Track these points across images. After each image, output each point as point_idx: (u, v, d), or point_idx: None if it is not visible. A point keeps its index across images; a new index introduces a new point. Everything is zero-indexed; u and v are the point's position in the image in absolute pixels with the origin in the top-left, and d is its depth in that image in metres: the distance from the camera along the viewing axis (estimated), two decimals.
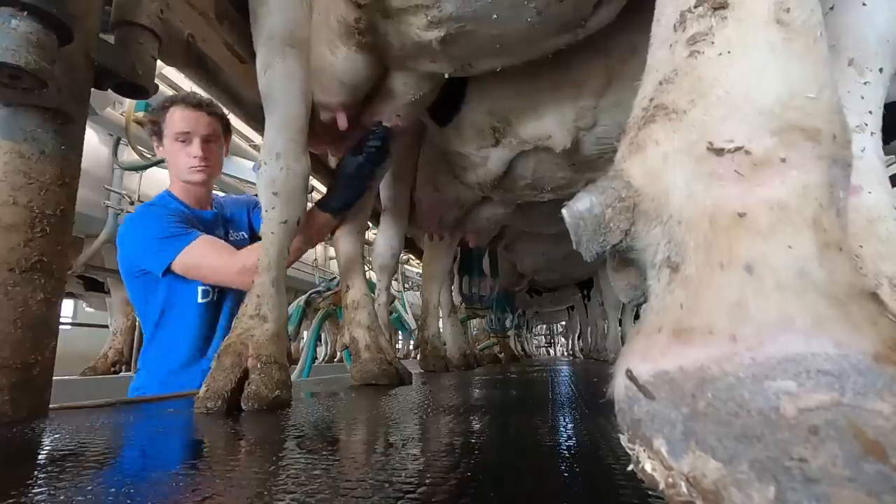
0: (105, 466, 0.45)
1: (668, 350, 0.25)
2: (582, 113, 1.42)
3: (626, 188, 0.30)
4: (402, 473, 0.40)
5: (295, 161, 1.10)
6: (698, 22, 0.32)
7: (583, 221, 0.31)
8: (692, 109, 0.30)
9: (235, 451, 0.53)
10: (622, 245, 0.30)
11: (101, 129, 3.56)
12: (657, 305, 0.28)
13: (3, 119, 0.73)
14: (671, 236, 0.28)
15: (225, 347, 0.91)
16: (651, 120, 0.32)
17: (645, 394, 0.25)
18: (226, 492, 0.35)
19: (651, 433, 0.24)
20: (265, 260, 1.05)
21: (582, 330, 6.98)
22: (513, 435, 0.57)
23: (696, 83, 0.30)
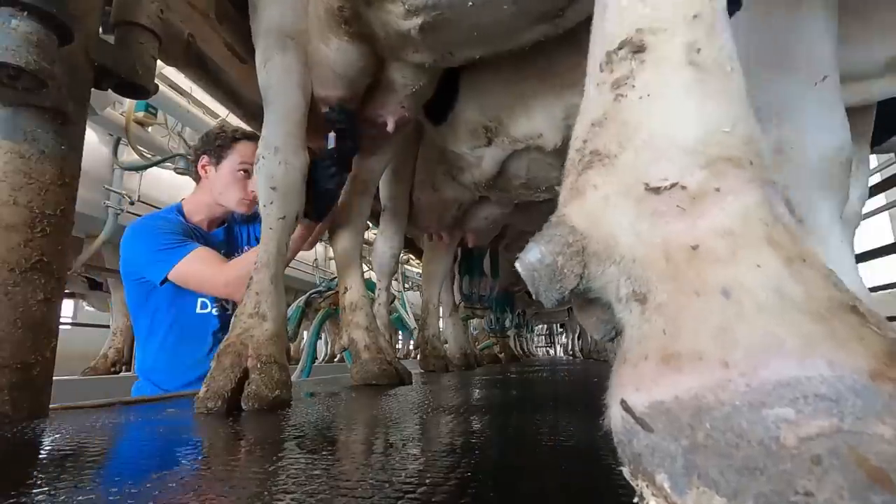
0: (105, 466, 0.45)
1: (659, 378, 0.24)
2: (571, 111, 1.41)
3: (572, 233, 0.31)
4: (402, 473, 0.40)
5: (293, 155, 1.10)
6: (621, 65, 0.33)
7: (536, 273, 0.31)
8: (622, 153, 0.31)
9: (235, 451, 0.53)
10: (579, 288, 0.31)
11: (101, 129, 3.56)
12: (637, 334, 0.28)
13: (3, 119, 0.73)
14: (629, 273, 0.29)
15: (224, 347, 0.90)
16: (588, 166, 0.33)
17: (643, 426, 0.24)
18: (226, 492, 0.35)
19: (653, 468, 0.23)
20: (264, 256, 1.03)
21: (581, 330, 6.98)
22: (513, 435, 0.57)
23: (622, 127, 0.32)
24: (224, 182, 1.58)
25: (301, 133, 1.13)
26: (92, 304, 5.54)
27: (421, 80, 1.23)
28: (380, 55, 1.15)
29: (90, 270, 3.92)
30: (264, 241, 1.06)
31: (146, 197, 3.91)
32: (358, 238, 1.58)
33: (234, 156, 1.58)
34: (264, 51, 1.12)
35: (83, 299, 5.73)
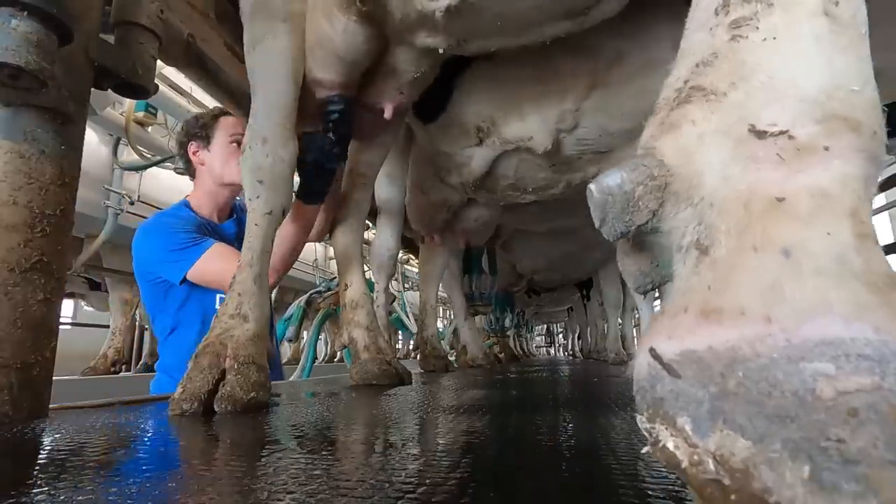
0: (105, 466, 0.45)
1: (695, 329, 0.24)
2: (564, 115, 1.43)
3: (659, 166, 0.30)
4: (402, 473, 0.40)
5: (282, 147, 1.05)
6: (742, 7, 0.31)
7: (611, 197, 0.30)
8: (732, 92, 0.30)
9: (235, 451, 0.53)
10: (647, 226, 0.30)
11: (101, 129, 3.56)
12: (682, 287, 0.27)
13: (3, 119, 0.73)
14: (701, 218, 0.28)
15: (203, 348, 0.87)
16: (686, 101, 0.32)
17: (670, 372, 0.24)
18: (226, 491, 0.35)
19: (675, 411, 0.24)
20: (248, 255, 0.99)
21: (581, 330, 6.99)
22: (513, 435, 0.57)
23: (738, 66, 0.30)
24: (221, 158, 1.53)
25: (290, 123, 1.08)
26: (91, 304, 5.54)
27: (423, 66, 1.18)
28: (384, 37, 1.10)
29: (90, 270, 3.92)
30: (249, 238, 1.01)
31: (146, 197, 3.91)
32: (358, 234, 1.54)
33: (220, 131, 1.54)
34: (253, 32, 1.06)
35: (83, 299, 5.73)
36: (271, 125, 1.04)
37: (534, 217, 2.59)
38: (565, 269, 4.16)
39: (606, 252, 3.51)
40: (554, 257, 3.65)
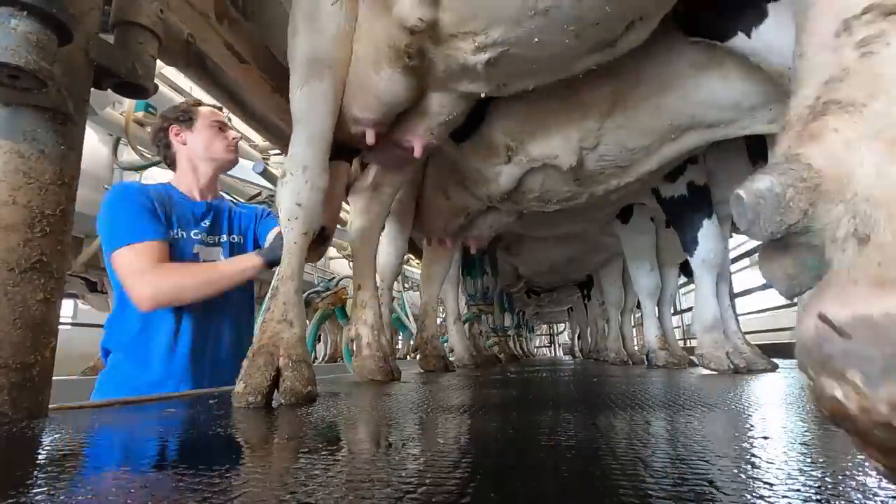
0: (105, 466, 0.45)
1: (869, 297, 0.26)
2: (587, 135, 1.56)
3: (808, 170, 0.32)
4: (402, 473, 0.40)
5: (318, 176, 1.17)
6: (867, 27, 0.34)
7: (763, 200, 0.32)
8: (873, 102, 0.32)
9: (235, 452, 0.53)
10: (798, 225, 0.32)
11: (101, 129, 3.56)
12: (846, 266, 0.29)
13: (3, 119, 0.73)
14: (856, 212, 0.30)
15: (258, 349, 0.98)
16: (823, 113, 0.34)
17: (841, 334, 0.26)
18: (225, 492, 0.35)
19: (844, 366, 0.26)
20: (288, 269, 1.10)
21: (581, 330, 6.99)
22: (513, 434, 0.57)
23: (874, 79, 0.33)
24: (205, 137, 1.60)
25: (326, 156, 1.20)
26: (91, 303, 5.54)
27: (457, 109, 1.32)
28: (424, 86, 1.24)
29: (89, 270, 3.92)
30: (288, 254, 1.12)
31: None
32: (374, 241, 1.73)
33: (202, 117, 1.62)
34: (303, 74, 1.20)
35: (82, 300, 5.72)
36: (311, 156, 1.17)
37: (543, 223, 2.64)
38: (567, 271, 4.18)
39: (607, 253, 3.52)
40: (556, 260, 3.67)
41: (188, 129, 1.61)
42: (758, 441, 0.49)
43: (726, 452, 0.45)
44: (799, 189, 0.32)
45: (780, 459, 0.41)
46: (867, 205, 0.30)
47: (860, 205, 0.30)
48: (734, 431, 0.56)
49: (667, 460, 0.42)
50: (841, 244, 0.30)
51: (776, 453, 0.44)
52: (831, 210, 0.31)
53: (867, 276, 0.27)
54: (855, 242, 0.29)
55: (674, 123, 1.50)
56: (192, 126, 1.61)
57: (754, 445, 0.47)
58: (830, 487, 0.33)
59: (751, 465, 0.40)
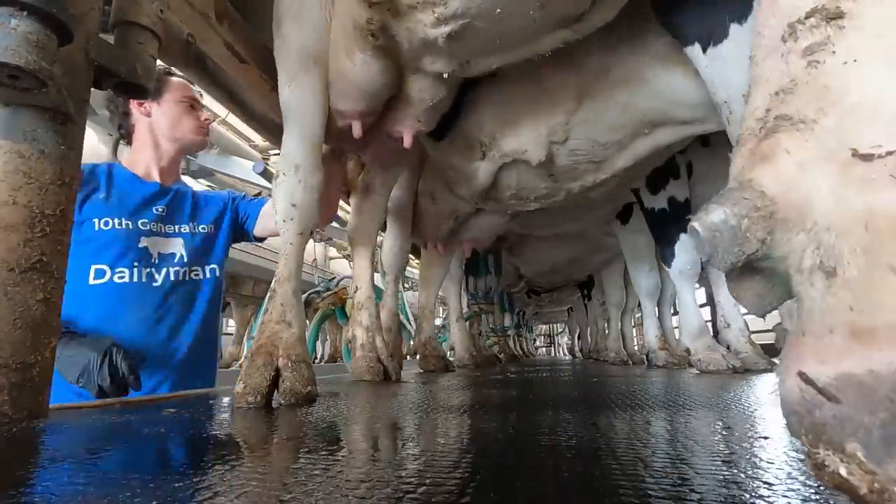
0: (105, 466, 0.45)
1: (848, 352, 0.25)
2: (555, 129, 1.55)
3: (761, 197, 0.30)
4: (402, 473, 0.40)
5: (311, 175, 1.14)
6: (812, 33, 0.32)
7: (718, 233, 0.31)
8: (823, 118, 0.30)
9: (234, 452, 0.53)
10: (757, 254, 0.30)
11: (101, 129, 3.56)
12: (819, 308, 0.27)
13: (3, 119, 0.73)
14: (819, 242, 0.28)
15: (256, 349, 0.97)
16: (774, 130, 0.32)
17: (828, 397, 0.25)
18: (225, 492, 0.35)
19: (841, 437, 0.24)
20: (285, 270, 1.09)
21: (581, 330, 6.99)
22: (513, 434, 0.57)
23: (822, 92, 0.31)
24: (172, 114, 1.47)
25: (319, 153, 1.18)
26: None
27: (439, 93, 1.28)
28: (399, 68, 1.20)
29: None
30: (285, 255, 1.10)
31: None
32: (372, 241, 1.75)
33: (173, 90, 1.48)
34: (290, 71, 1.17)
35: None
36: (303, 154, 1.14)
37: (539, 223, 2.66)
38: (568, 271, 4.18)
39: (609, 253, 3.52)
40: (558, 260, 3.68)
41: (155, 99, 1.46)
42: (758, 441, 0.49)
43: (726, 452, 0.45)
44: (754, 219, 0.30)
45: (780, 459, 0.41)
46: (829, 235, 0.28)
47: (822, 234, 0.28)
48: (734, 431, 0.56)
49: (667, 460, 0.42)
50: (808, 277, 0.29)
51: (776, 453, 0.44)
52: (791, 239, 0.30)
53: (842, 324, 0.26)
54: (822, 276, 0.28)
55: (644, 119, 1.48)
56: (160, 97, 1.46)
57: (754, 445, 0.47)
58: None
59: (751, 465, 0.40)
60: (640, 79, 1.39)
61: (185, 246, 1.45)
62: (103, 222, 1.33)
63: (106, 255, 1.31)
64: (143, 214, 1.39)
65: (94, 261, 1.30)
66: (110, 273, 1.31)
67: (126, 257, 1.34)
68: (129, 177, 1.44)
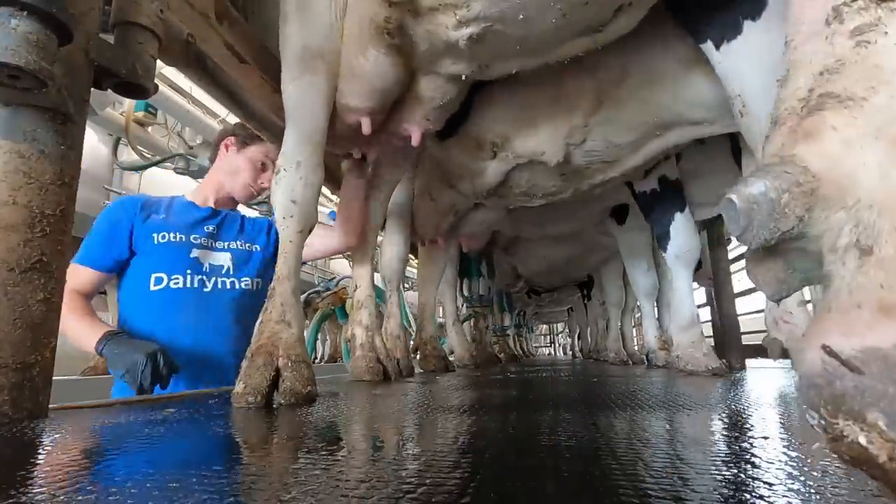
0: (105, 466, 0.45)
1: (875, 325, 0.24)
2: (573, 131, 1.55)
3: (804, 173, 0.30)
4: (402, 473, 0.40)
5: (312, 172, 1.14)
6: (860, 15, 0.32)
7: (756, 206, 0.30)
8: (873, 96, 0.30)
9: (235, 452, 0.53)
10: (793, 231, 0.30)
11: (101, 129, 3.56)
12: (847, 286, 0.27)
13: (3, 119, 0.73)
14: (858, 220, 0.28)
15: (256, 349, 0.97)
16: (819, 108, 0.32)
17: (851, 368, 0.24)
18: (225, 492, 0.35)
19: (862, 407, 0.24)
20: (285, 269, 1.08)
21: (581, 330, 6.99)
22: (513, 434, 0.57)
23: (873, 71, 0.30)
24: (241, 164, 1.64)
25: (321, 151, 1.17)
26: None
27: (449, 93, 1.27)
28: (411, 68, 1.20)
29: None
30: (284, 253, 1.10)
31: None
32: (372, 241, 1.70)
33: (260, 147, 1.66)
34: (292, 69, 1.17)
35: None
36: (305, 152, 1.14)
37: (533, 223, 2.66)
38: (566, 271, 4.18)
39: (606, 252, 3.52)
40: (555, 260, 3.69)
41: (240, 146, 1.66)
42: (758, 441, 0.49)
43: (726, 452, 0.45)
44: (795, 194, 0.29)
45: (780, 459, 0.41)
46: (870, 212, 0.27)
47: (863, 212, 0.28)
48: (734, 431, 0.56)
49: (667, 460, 0.42)
50: (841, 255, 0.28)
51: (776, 453, 0.44)
52: (830, 217, 0.29)
53: (871, 300, 0.25)
54: (856, 254, 0.27)
55: (660, 120, 1.49)
56: (245, 148, 1.66)
57: (754, 445, 0.47)
58: (830, 487, 0.33)
59: (751, 465, 0.40)
60: (659, 81, 1.40)
61: (233, 259, 1.60)
62: (160, 236, 1.50)
63: (163, 265, 1.48)
64: (196, 231, 1.56)
65: (154, 270, 1.48)
66: (167, 279, 1.48)
67: (180, 266, 1.50)
68: (186, 203, 1.63)
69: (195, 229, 1.56)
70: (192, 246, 1.53)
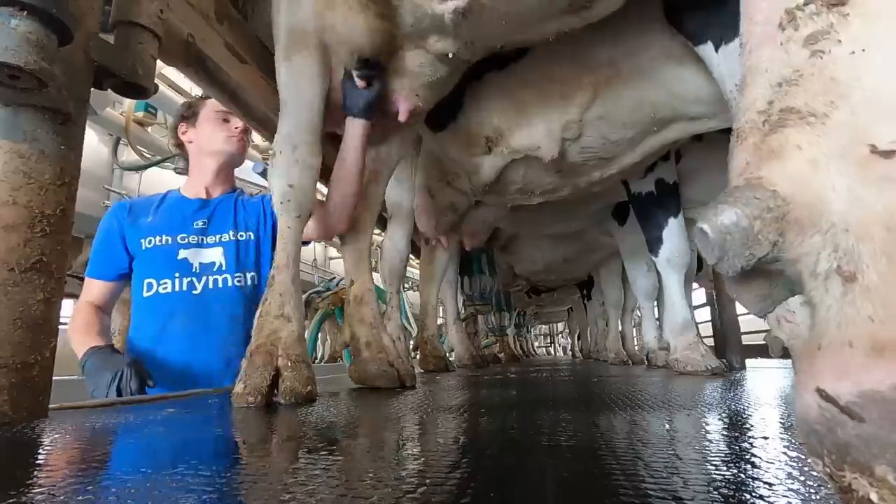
0: (105, 466, 0.45)
1: (870, 367, 0.23)
2: (568, 126, 1.53)
3: (773, 197, 0.29)
4: (402, 473, 0.40)
5: (310, 154, 1.10)
6: (813, 20, 0.31)
7: (729, 236, 0.29)
8: (834, 112, 0.29)
9: (235, 452, 0.53)
10: (768, 257, 0.29)
11: (100, 129, 3.56)
12: (835, 318, 0.26)
13: (3, 119, 0.73)
14: (836, 245, 0.27)
15: (256, 347, 0.95)
16: (781, 124, 0.31)
17: (851, 415, 0.23)
18: (224, 491, 0.35)
19: (868, 459, 0.22)
20: (283, 257, 1.05)
21: (581, 330, 6.99)
22: (513, 434, 0.57)
23: (830, 84, 0.29)
24: (207, 130, 1.58)
25: (318, 132, 1.13)
26: None
27: (438, 70, 1.22)
28: (395, 37, 1.14)
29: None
30: (283, 240, 1.07)
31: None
32: (368, 231, 1.53)
33: (206, 108, 1.60)
34: (288, 48, 1.12)
35: None
36: (301, 133, 1.10)
37: (533, 222, 2.65)
38: (564, 270, 4.19)
39: (605, 252, 3.52)
40: (553, 259, 3.69)
41: (192, 125, 1.60)
42: (758, 441, 0.49)
43: (726, 452, 0.45)
44: (766, 220, 0.28)
45: (780, 459, 0.41)
46: (847, 237, 0.26)
47: (840, 237, 0.27)
48: (734, 431, 0.56)
49: (667, 460, 0.42)
50: (823, 282, 0.27)
51: (776, 453, 0.44)
52: (804, 241, 0.28)
53: (862, 337, 0.24)
54: (839, 281, 0.26)
55: (656, 116, 1.48)
56: (195, 121, 1.59)
57: (754, 445, 0.47)
58: (830, 487, 0.33)
59: (751, 465, 0.40)
60: (655, 75, 1.38)
61: (225, 254, 1.52)
62: (147, 241, 1.47)
63: (152, 270, 1.46)
64: (184, 229, 1.50)
65: (145, 276, 1.45)
66: (156, 285, 1.45)
67: (168, 269, 1.46)
68: (177, 199, 1.58)
69: (184, 227, 1.51)
70: (178, 247, 1.48)
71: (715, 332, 2.54)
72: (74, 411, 0.85)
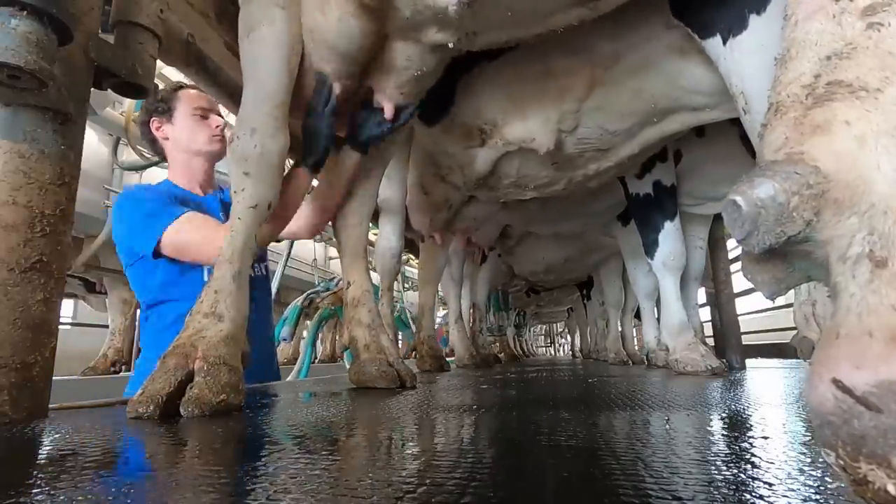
0: (105, 466, 0.45)
1: (890, 358, 0.22)
2: (564, 116, 1.48)
3: (815, 174, 0.27)
4: (402, 473, 0.40)
5: (271, 138, 1.00)
6: None
7: (763, 210, 0.27)
8: (889, 88, 0.27)
9: (235, 451, 0.53)
10: (799, 236, 0.27)
11: (100, 129, 3.56)
12: (857, 306, 0.25)
13: (3, 119, 0.73)
14: (872, 228, 0.25)
15: (172, 348, 0.84)
16: (829, 98, 0.29)
17: (868, 406, 0.22)
18: (225, 491, 0.35)
19: (886, 450, 0.22)
20: (228, 250, 0.95)
21: (581, 330, 6.99)
22: (513, 434, 0.57)
23: (887, 58, 0.28)
24: (186, 129, 1.50)
25: (282, 115, 1.03)
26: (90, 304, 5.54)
27: (426, 63, 1.14)
28: (385, 33, 1.07)
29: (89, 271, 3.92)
30: (231, 232, 0.97)
31: None
32: (362, 229, 1.48)
33: (182, 104, 1.51)
34: (249, 18, 1.03)
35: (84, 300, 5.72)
36: (261, 115, 1.01)
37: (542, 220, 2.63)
38: (563, 272, 4.20)
39: (605, 253, 3.52)
40: (553, 259, 3.69)
41: (168, 121, 1.50)
42: (758, 441, 0.49)
43: (726, 452, 0.45)
44: (804, 197, 0.27)
45: (780, 459, 0.41)
46: (885, 220, 0.25)
47: (877, 219, 0.25)
48: (734, 431, 0.56)
49: (667, 460, 0.42)
50: (851, 267, 0.26)
51: (776, 453, 0.44)
52: (840, 222, 0.26)
53: (882, 326, 0.23)
54: (868, 267, 0.25)
55: (656, 107, 1.43)
56: (172, 115, 1.50)
57: (754, 445, 0.47)
58: (830, 487, 0.33)
59: (751, 465, 0.40)
60: (655, 64, 1.34)
61: None
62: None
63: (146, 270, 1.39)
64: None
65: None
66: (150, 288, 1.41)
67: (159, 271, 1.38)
68: (182, 190, 1.50)
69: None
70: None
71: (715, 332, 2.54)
72: (74, 411, 0.85)
